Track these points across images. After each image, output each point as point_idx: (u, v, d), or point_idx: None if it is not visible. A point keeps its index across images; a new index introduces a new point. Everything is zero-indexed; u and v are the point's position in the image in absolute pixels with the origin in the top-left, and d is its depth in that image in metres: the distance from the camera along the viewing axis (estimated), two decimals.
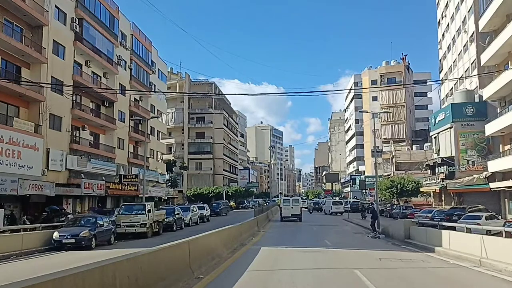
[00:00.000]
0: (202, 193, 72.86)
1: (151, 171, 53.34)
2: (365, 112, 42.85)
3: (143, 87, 51.58)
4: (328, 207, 54.01)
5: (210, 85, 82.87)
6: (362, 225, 30.18)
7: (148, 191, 49.28)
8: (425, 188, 43.03)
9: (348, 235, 23.28)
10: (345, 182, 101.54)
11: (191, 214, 30.74)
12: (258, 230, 23.85)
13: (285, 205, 37.02)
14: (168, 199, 59.64)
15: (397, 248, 16.44)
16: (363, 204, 54.45)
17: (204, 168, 79.34)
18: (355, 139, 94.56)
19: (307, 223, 34.91)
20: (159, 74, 59.37)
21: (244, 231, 19.00)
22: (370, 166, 74.47)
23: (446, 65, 56.78)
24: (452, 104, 39.29)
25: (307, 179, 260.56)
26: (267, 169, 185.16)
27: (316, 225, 31.39)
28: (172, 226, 25.50)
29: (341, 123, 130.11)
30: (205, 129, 79.91)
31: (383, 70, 71.40)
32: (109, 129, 43.51)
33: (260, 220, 27.35)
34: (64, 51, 35.63)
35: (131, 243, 18.38)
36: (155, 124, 57.25)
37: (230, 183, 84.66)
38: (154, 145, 56.34)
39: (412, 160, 59.69)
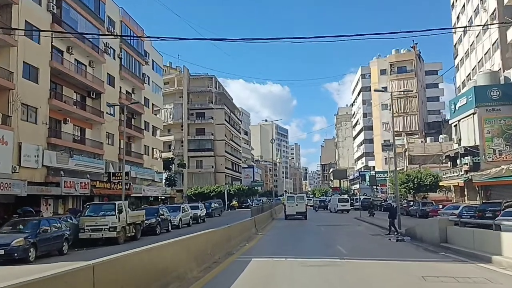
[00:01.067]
0: (203, 192, 69.10)
1: (146, 169, 49.68)
2: (380, 91, 38.82)
3: (135, 79, 47.85)
4: (333, 205, 50.34)
5: (210, 79, 79.01)
6: (377, 225, 26.18)
7: (142, 190, 45.63)
8: (445, 182, 38.88)
9: (365, 238, 19.30)
10: (354, 179, 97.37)
11: (181, 214, 26.86)
12: (256, 233, 19.96)
13: (290, 202, 35.01)
14: (166, 198, 55.92)
15: (435, 256, 12.42)
16: (374, 201, 50.50)
17: (205, 166, 75.52)
18: (363, 133, 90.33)
19: (314, 222, 30.98)
20: (154, 65, 55.61)
21: (234, 235, 15.15)
22: (381, 161, 70.29)
23: (461, 50, 52.57)
24: (475, 87, 35.09)
25: (313, 177, 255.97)
26: (273, 167, 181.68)
27: (324, 225, 27.42)
28: (154, 228, 21.66)
29: (348, 118, 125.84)
30: (205, 125, 76.07)
31: (393, 59, 67.16)
32: (96, 123, 39.83)
33: (260, 220, 23.47)
34: (39, 34, 31.88)
35: (92, 253, 14.50)
36: (150, 119, 53.55)
37: (233, 181, 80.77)
38: (149, 141, 52.59)
39: (426, 153, 55.47)
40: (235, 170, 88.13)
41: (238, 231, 16.22)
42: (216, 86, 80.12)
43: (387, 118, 68.74)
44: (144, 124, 51.31)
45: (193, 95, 77.93)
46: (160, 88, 59.09)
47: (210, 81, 78.90)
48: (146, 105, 51.94)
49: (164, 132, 75.76)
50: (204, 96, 78.17)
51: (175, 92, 76.44)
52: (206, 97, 78.10)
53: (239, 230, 16.54)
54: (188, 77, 76.87)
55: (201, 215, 31.74)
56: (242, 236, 16.86)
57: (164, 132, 75.76)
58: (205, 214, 33.73)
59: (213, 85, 78.60)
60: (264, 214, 27.62)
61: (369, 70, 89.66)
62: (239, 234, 16.20)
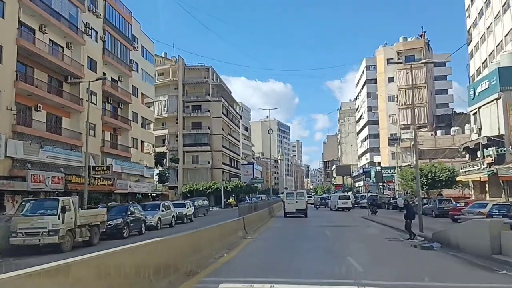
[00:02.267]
0: (199, 189, 65.17)
1: (134, 164, 45.74)
2: (397, 63, 34.14)
3: (121, 64, 43.88)
4: (334, 202, 46.86)
5: (207, 70, 74.96)
6: (390, 226, 22.23)
7: (128, 187, 41.72)
8: (463, 177, 34.87)
9: (382, 244, 15.29)
10: (357, 175, 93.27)
11: (161, 213, 22.86)
12: (244, 236, 16.02)
13: (289, 199, 33.44)
14: (157, 196, 52.07)
15: (495, 278, 8.43)
16: (381, 198, 46.64)
17: (201, 161, 71.56)
18: (367, 128, 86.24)
19: (316, 222, 27.05)
20: (144, 52, 51.59)
21: (209, 241, 11.21)
22: (387, 156, 66.20)
23: (477, 34, 48.37)
24: (499, 68, 31.00)
25: (315, 175, 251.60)
26: (274, 164, 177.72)
27: (328, 225, 23.42)
28: (121, 230, 17.72)
29: (351, 113, 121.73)
30: (202, 119, 72.09)
31: (401, 47, 62.95)
32: (75, 111, 35.92)
33: (251, 220, 19.52)
34: (3, 7, 28.00)
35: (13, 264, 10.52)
36: (140, 109, 49.59)
37: (231, 178, 76.78)
38: (138, 134, 48.62)
39: (437, 147, 51.45)
40: (234, 166, 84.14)
41: (216, 235, 12.31)
42: (213, 77, 76.07)
43: (394, 111, 64.73)
44: (132, 115, 47.36)
45: (189, 86, 73.94)
46: (152, 78, 55.12)
47: (206, 72, 74.87)
48: (135, 94, 47.97)
49: (158, 125, 71.96)
50: (200, 87, 74.18)
51: (170, 83, 72.47)
52: (203, 89, 74.10)
53: (218, 234, 12.61)
54: (183, 67, 72.85)
55: (187, 213, 27.75)
56: (223, 242, 12.93)
57: (158, 125, 71.96)
58: (192, 212, 29.65)
59: (210, 76, 74.56)
60: (258, 213, 23.65)
61: (374, 61, 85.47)
62: (218, 240, 12.27)
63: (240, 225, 16.56)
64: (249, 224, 18.77)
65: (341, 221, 29.18)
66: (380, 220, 27.15)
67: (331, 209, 47.09)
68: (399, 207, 37.96)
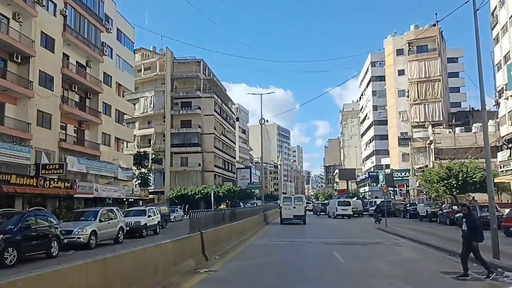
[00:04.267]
0: (187, 194, 58.33)
1: (104, 163, 38.99)
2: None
3: (88, 47, 37.28)
4: (332, 209, 42.20)
5: (198, 64, 68.31)
6: (426, 243, 15.42)
7: (94, 190, 34.96)
8: (505, 178, 28.03)
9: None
10: (362, 180, 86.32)
11: (97, 225, 15.68)
12: (195, 268, 9.24)
13: (286, 204, 30.63)
14: (135, 201, 45.32)
15: None
16: (395, 204, 39.87)
17: (191, 164, 64.74)
18: (373, 129, 79.53)
19: (318, 235, 20.31)
20: (121, 37, 45.00)
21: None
22: (397, 158, 59.34)
23: (503, 16, 41.73)
24: None
25: (316, 181, 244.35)
26: (274, 170, 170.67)
27: (336, 243, 16.54)
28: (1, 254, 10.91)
29: (355, 114, 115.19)
30: (192, 116, 65.31)
31: (412, 36, 56.28)
32: (23, 97, 29.28)
33: (221, 237, 12.80)
34: None
35: None
36: (114, 101, 42.92)
37: (224, 182, 69.89)
38: (111, 129, 41.96)
39: (458, 146, 44.66)
40: (228, 169, 77.28)
41: (132, 270, 5.65)
42: (205, 71, 69.42)
43: (405, 107, 58.00)
44: (104, 107, 40.74)
45: (178, 81, 67.30)
46: (131, 67, 48.44)
47: (198, 66, 68.22)
48: (107, 83, 41.38)
49: (144, 124, 65.53)
50: (190, 83, 67.54)
51: (157, 78, 65.89)
52: (193, 84, 67.43)
53: (140, 266, 5.95)
54: (171, 60, 66.23)
55: (149, 224, 20.87)
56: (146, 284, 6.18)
57: (144, 124, 65.53)
58: (158, 222, 22.62)
59: (201, 70, 67.90)
60: (238, 224, 16.86)
61: (379, 57, 79.05)
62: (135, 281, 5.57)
63: (193, 246, 9.84)
64: (216, 242, 12.06)
65: (351, 233, 22.40)
66: (403, 232, 20.33)
67: (329, 216, 42.66)
68: (421, 216, 31.22)
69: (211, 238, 11.58)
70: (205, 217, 11.72)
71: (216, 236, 12.32)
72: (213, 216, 12.84)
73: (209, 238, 11.34)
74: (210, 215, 12.48)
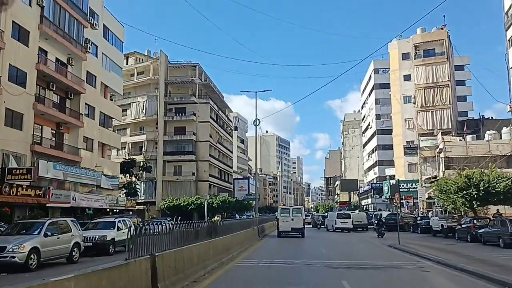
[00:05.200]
0: (179, 205, 54.93)
1: (84, 170, 35.62)
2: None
3: (70, 42, 34.16)
4: (331, 222, 39.69)
5: (194, 68, 65.29)
6: (464, 269, 11.98)
7: (71, 199, 31.56)
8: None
9: None
10: (364, 192, 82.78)
11: (42, 240, 11.94)
12: None
13: (284, 216, 29.16)
14: (121, 212, 41.86)
15: None
16: (403, 217, 36.41)
17: (184, 172, 61.37)
18: (376, 138, 76.27)
19: (322, 256, 16.76)
20: (108, 35, 41.96)
21: None
22: (402, 168, 55.87)
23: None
24: None
25: (316, 193, 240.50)
26: (273, 181, 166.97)
27: (345, 266, 13.11)
28: None
29: (356, 124, 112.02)
30: (186, 123, 62.13)
31: (418, 39, 53.22)
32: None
33: (192, 260, 9.45)
34: None
35: None
36: (98, 103, 39.70)
37: (219, 192, 66.39)
38: (94, 133, 38.69)
39: (470, 155, 41.34)
40: (224, 179, 73.84)
41: None
42: (200, 76, 66.36)
43: (411, 114, 54.73)
44: (87, 108, 37.54)
45: (172, 86, 64.26)
46: (120, 68, 45.31)
47: (193, 71, 65.18)
48: (91, 84, 38.21)
49: (136, 130, 62.31)
50: (185, 88, 64.48)
51: (150, 82, 62.82)
52: (188, 90, 64.37)
53: None
54: (166, 64, 63.22)
55: (118, 238, 17.36)
56: None
57: (136, 130, 62.31)
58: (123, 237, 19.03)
59: (196, 75, 64.84)
60: (222, 240, 13.45)
61: (383, 64, 76.14)
62: None
63: (132, 279, 6.50)
64: (182, 267, 8.71)
65: (358, 252, 18.95)
66: (421, 251, 16.89)
67: (327, 230, 40.29)
68: (434, 230, 27.79)
69: (172, 262, 8.26)
70: (162, 234, 8.37)
71: (183, 258, 8.98)
72: (180, 234, 9.42)
73: (169, 262, 8.02)
74: (175, 231, 9.11)
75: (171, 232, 8.83)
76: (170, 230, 8.90)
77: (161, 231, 9.08)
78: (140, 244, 7.29)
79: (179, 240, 9.13)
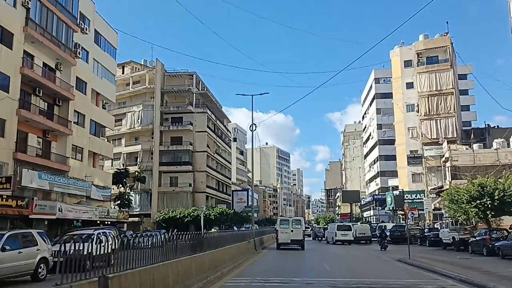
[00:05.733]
0: (175, 217, 52.98)
1: (73, 180, 33.84)
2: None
3: (58, 46, 32.64)
4: (331, 234, 38.50)
5: (191, 77, 63.83)
6: None
7: (57, 210, 29.76)
8: None
9: None
10: (366, 204, 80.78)
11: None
12: None
13: (283, 227, 28.31)
14: (113, 224, 39.97)
15: None
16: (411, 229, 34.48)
17: (181, 184, 59.51)
18: (377, 149, 74.60)
19: (325, 272, 14.87)
20: (99, 40, 40.47)
21: None
22: (406, 179, 54.00)
23: None
24: None
25: (317, 206, 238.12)
26: (273, 193, 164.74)
27: (353, 285, 11.35)
28: None
29: (357, 135, 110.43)
30: (183, 133, 60.48)
31: (421, 46, 51.79)
32: None
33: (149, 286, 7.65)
34: None
35: None
36: (89, 110, 38.04)
37: (218, 204, 64.45)
38: (85, 142, 36.98)
39: (478, 164, 39.58)
40: (222, 191, 71.93)
41: None
42: (197, 85, 64.89)
43: (414, 122, 53.08)
44: (77, 116, 35.88)
45: (169, 95, 62.78)
46: (113, 75, 43.73)
47: (190, 80, 63.70)
48: (81, 90, 36.61)
49: (131, 140, 60.62)
50: (182, 97, 62.92)
51: (146, 91, 61.28)
52: (185, 99, 62.79)
53: None
54: (162, 73, 61.78)
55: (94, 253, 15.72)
56: None
57: (131, 140, 60.62)
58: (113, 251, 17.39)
59: (194, 84, 63.36)
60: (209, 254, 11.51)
61: (384, 73, 74.95)
62: None
63: None
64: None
65: (366, 267, 17.10)
66: (438, 266, 15.04)
67: (327, 242, 39.39)
68: (445, 243, 25.91)
69: (136, 286, 6.46)
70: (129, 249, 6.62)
71: (152, 280, 7.19)
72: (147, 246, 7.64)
73: (130, 286, 6.23)
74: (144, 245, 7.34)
75: (137, 246, 7.07)
76: (134, 244, 7.13)
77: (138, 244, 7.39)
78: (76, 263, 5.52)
79: (148, 256, 7.35)
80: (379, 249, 27.77)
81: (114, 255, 7.19)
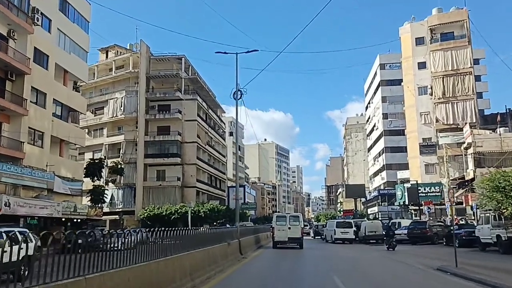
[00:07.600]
0: (161, 214, 47.46)
1: (29, 170, 28.30)
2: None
3: (7, 8, 27.08)
4: (330, 232, 35.42)
5: (179, 61, 58.20)
6: None
7: (4, 204, 24.27)
8: None
9: None
10: (370, 200, 75.35)
11: None
12: None
13: (280, 225, 26.41)
14: (84, 222, 34.62)
15: None
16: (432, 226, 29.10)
17: (168, 178, 53.96)
18: (383, 140, 69.22)
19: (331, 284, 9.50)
20: (66, 8, 34.88)
21: None
22: (418, 170, 48.33)
23: None
24: None
25: (317, 204, 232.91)
26: (272, 190, 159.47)
27: None
28: None
29: (359, 128, 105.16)
30: (170, 122, 54.92)
31: (435, 21, 46.10)
32: None
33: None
34: None
35: None
36: (51, 88, 32.42)
37: (210, 200, 58.88)
38: (46, 125, 31.40)
39: (506, 149, 34.11)
40: (215, 186, 66.35)
41: None
42: (187, 70, 59.29)
43: (427, 107, 47.55)
44: (36, 94, 30.34)
45: (155, 81, 57.20)
46: (85, 52, 38.07)
47: (179, 64, 58.08)
48: (41, 64, 31.08)
49: (114, 130, 55.08)
50: (170, 83, 57.32)
51: (130, 76, 55.75)
52: (173, 85, 57.19)
53: None
54: (147, 56, 56.17)
55: None
56: None
57: (114, 130, 55.08)
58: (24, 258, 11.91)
59: (182, 68, 57.74)
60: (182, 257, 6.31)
61: (389, 58, 69.63)
62: None
63: None
64: None
65: (397, 282, 11.60)
66: (499, 279, 9.61)
67: (326, 241, 36.77)
68: (483, 243, 20.40)
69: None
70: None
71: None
72: None
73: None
74: None
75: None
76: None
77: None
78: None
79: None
80: (398, 250, 22.53)
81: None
